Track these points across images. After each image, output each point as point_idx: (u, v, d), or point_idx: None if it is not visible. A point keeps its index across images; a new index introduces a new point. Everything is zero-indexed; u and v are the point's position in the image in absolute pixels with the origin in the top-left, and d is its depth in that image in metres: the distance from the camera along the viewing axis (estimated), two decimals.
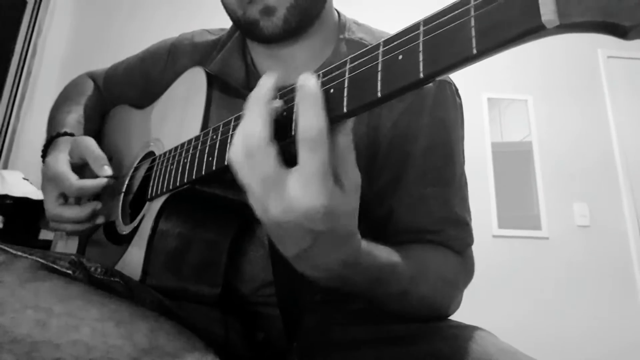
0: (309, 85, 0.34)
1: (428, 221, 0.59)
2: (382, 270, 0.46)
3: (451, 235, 0.60)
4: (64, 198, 0.67)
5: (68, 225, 0.67)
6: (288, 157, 0.36)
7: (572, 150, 2.63)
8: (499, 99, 2.69)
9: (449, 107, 0.63)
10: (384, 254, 0.47)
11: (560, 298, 2.37)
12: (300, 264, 0.41)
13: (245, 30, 0.63)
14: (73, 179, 0.64)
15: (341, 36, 0.68)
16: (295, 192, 0.34)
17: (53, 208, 0.66)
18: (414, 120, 0.61)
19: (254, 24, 0.60)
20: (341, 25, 0.69)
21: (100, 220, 0.67)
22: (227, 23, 0.76)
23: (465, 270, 0.61)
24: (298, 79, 0.35)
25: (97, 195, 0.68)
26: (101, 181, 0.65)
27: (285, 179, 0.35)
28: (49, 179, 0.67)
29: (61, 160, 0.67)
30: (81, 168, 0.69)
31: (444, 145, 0.61)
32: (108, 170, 0.65)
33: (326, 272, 0.41)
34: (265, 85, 0.37)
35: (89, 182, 0.64)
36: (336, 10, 0.72)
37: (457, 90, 0.67)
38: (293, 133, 0.36)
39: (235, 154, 0.37)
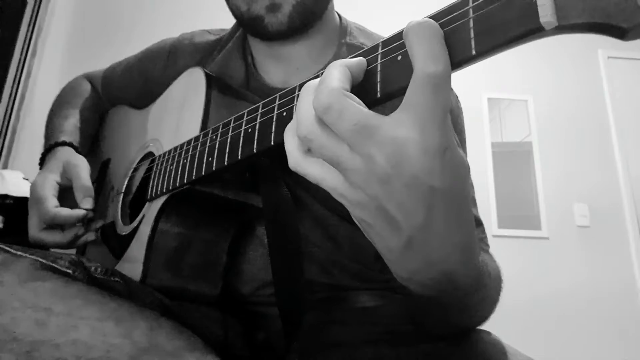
0: (423, 21, 0.28)
1: None
2: (482, 264, 0.37)
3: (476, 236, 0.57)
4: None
5: (52, 248, 0.66)
6: None
7: (572, 151, 2.63)
8: (499, 99, 2.69)
9: (453, 109, 0.64)
10: None
11: (559, 298, 2.36)
12: (409, 260, 0.31)
13: (249, 26, 0.63)
14: (50, 205, 0.63)
15: (342, 40, 0.68)
16: (407, 131, 0.27)
17: (35, 232, 0.65)
18: None
19: (258, 20, 0.60)
20: (342, 29, 0.70)
21: (90, 238, 0.67)
22: (228, 24, 0.76)
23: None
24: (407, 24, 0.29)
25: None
26: (78, 212, 0.64)
27: (386, 123, 0.27)
28: (33, 200, 0.66)
29: (48, 183, 0.66)
30: (71, 190, 0.68)
31: None
32: (88, 204, 0.65)
33: (440, 270, 0.31)
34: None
35: (64, 212, 0.63)
36: (337, 13, 0.72)
37: (457, 96, 0.68)
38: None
39: (308, 128, 0.30)
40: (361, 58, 0.33)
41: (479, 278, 0.37)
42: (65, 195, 0.67)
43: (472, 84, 2.59)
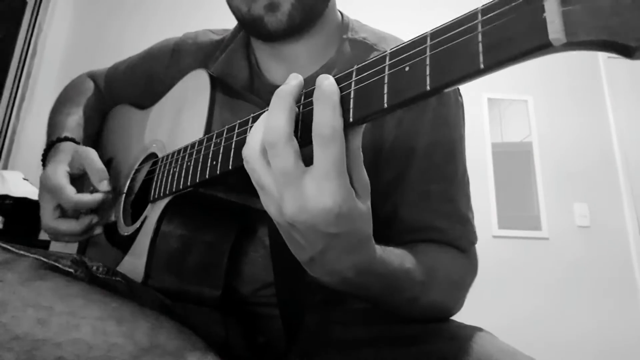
0: (325, 83, 0.34)
1: (433, 218, 0.59)
2: (396, 277, 0.46)
3: (457, 235, 0.59)
4: (61, 210, 0.66)
5: (65, 237, 0.66)
6: (307, 160, 0.35)
7: (572, 151, 2.63)
8: (499, 99, 2.69)
9: (452, 105, 0.64)
10: (398, 260, 0.47)
11: (560, 298, 2.36)
12: (314, 269, 0.41)
13: (249, 27, 0.63)
14: (71, 192, 0.64)
15: (344, 36, 0.68)
16: (310, 190, 0.33)
17: (49, 220, 0.65)
18: (417, 118, 0.61)
19: (258, 20, 0.60)
20: (344, 25, 0.70)
21: (97, 231, 0.67)
22: (226, 22, 0.76)
23: (472, 269, 0.61)
24: (317, 79, 0.34)
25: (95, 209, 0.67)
26: (98, 196, 0.64)
27: (302, 177, 0.34)
28: (47, 190, 0.66)
29: (60, 172, 0.66)
30: (80, 179, 0.68)
31: (446, 143, 0.62)
32: (107, 186, 0.65)
33: (339, 277, 0.41)
34: (292, 82, 0.36)
35: (86, 197, 0.64)
36: (339, 11, 0.72)
37: (459, 89, 0.67)
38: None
39: (252, 150, 0.36)
40: (298, 83, 0.37)
41: (391, 285, 0.46)
42: (75, 184, 0.67)
43: (472, 84, 2.58)
